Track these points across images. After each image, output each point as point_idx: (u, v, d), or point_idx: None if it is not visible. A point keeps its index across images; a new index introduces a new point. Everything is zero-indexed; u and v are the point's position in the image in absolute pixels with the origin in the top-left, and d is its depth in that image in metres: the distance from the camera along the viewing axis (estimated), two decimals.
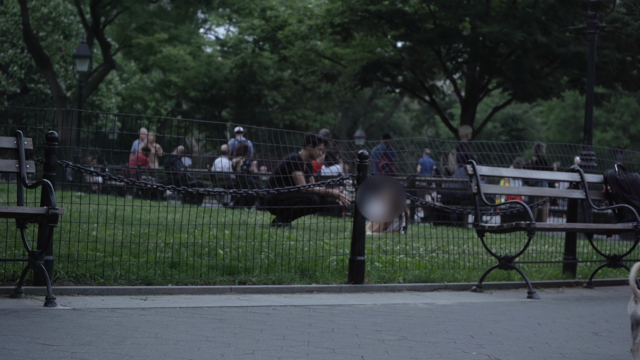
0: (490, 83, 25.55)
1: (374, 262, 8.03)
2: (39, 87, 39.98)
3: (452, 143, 21.95)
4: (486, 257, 8.92)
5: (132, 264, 6.82)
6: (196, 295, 6.48)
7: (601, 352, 4.93)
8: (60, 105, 30.59)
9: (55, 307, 5.59)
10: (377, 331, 5.25)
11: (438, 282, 7.85)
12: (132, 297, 6.24)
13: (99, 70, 34.28)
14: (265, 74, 44.04)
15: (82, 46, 27.71)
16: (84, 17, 34.66)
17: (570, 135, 51.42)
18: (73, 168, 6.89)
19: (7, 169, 6.40)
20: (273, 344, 4.66)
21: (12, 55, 38.60)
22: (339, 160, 15.94)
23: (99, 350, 4.24)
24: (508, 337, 5.29)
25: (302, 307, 6.20)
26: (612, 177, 9.20)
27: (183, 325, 5.12)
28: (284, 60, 28.87)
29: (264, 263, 7.40)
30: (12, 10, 37.82)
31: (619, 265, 8.75)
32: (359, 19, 23.07)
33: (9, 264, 6.41)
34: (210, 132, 45.19)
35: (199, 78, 43.80)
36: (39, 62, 31.36)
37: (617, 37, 22.30)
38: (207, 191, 7.56)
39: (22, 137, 6.35)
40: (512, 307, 6.83)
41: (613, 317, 6.51)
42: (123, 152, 20.88)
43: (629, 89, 25.95)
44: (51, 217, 5.80)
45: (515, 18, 22.22)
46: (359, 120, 51.99)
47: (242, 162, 18.40)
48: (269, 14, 29.65)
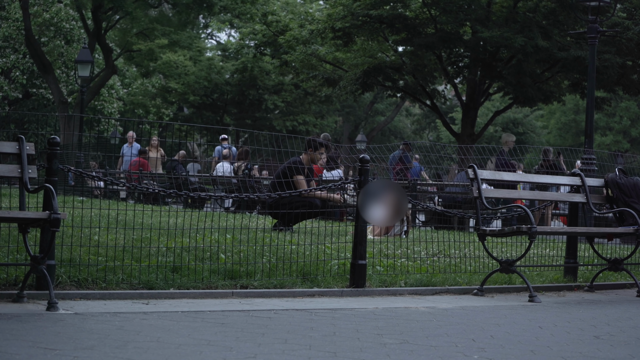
0: (491, 87, 25.58)
1: (376, 266, 8.04)
2: (41, 93, 40.03)
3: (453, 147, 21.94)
4: (487, 260, 8.93)
5: (134, 268, 6.83)
6: (198, 299, 6.49)
7: (602, 356, 4.94)
8: (62, 110, 30.63)
9: (57, 311, 5.60)
10: (378, 335, 5.27)
11: (439, 286, 7.86)
12: (134, 301, 6.25)
13: (101, 75, 34.32)
14: (267, 79, 44.08)
15: (84, 51, 27.74)
16: (86, 23, 34.71)
17: (570, 139, 51.43)
18: (75, 173, 6.91)
19: (10, 174, 6.42)
20: (275, 347, 4.67)
21: (14, 61, 38.66)
22: (340, 165, 15.96)
23: (101, 355, 4.25)
24: (509, 341, 5.30)
25: (303, 311, 6.21)
26: (613, 180, 9.21)
27: (185, 330, 5.13)
28: (286, 65, 28.91)
29: (265, 267, 7.41)
30: (14, 16, 37.88)
31: (620, 269, 8.76)
32: (360, 24, 23.10)
33: (12, 268, 6.42)
34: (212, 137, 45.28)
35: (200, 83, 43.85)
36: (41, 67, 31.41)
37: (618, 42, 22.32)
38: (208, 195, 7.58)
39: (24, 142, 6.37)
40: (514, 311, 6.84)
41: (614, 320, 6.51)
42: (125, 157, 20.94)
43: (630, 93, 25.96)
44: (53, 221, 5.82)
45: (516, 22, 22.24)
46: (360, 125, 52.02)
47: (243, 166, 18.42)
48: (270, 19, 29.70)
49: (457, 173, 17.25)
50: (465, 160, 16.62)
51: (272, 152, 9.46)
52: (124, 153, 21.51)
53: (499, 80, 24.29)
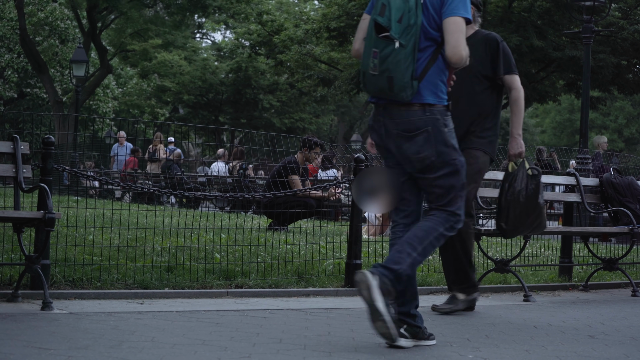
0: None
1: (371, 265, 8.03)
2: (36, 92, 39.98)
3: None
4: (482, 260, 8.94)
5: (129, 268, 6.82)
6: (193, 299, 6.48)
7: (597, 355, 4.95)
8: (57, 110, 30.59)
9: (52, 311, 5.59)
10: (373, 334, 5.26)
11: (434, 286, 7.87)
12: (128, 301, 6.25)
13: (96, 75, 34.28)
14: (261, 79, 44.08)
15: (79, 51, 27.71)
16: (81, 22, 34.67)
17: (565, 138, 51.52)
18: (70, 172, 6.90)
19: (4, 173, 6.41)
20: (269, 347, 4.67)
21: (9, 60, 38.60)
22: (335, 165, 15.96)
23: (96, 354, 4.25)
24: (504, 340, 5.31)
25: (298, 311, 6.21)
26: (608, 180, 9.23)
27: (179, 329, 5.12)
28: (281, 65, 28.91)
29: (260, 267, 7.41)
30: (9, 16, 37.83)
31: (615, 269, 8.77)
32: (355, 24, 23.11)
33: (6, 268, 6.41)
34: (208, 137, 45.28)
35: (195, 82, 43.83)
36: (36, 67, 31.36)
37: (613, 41, 22.37)
38: (203, 195, 7.58)
39: (19, 142, 6.36)
40: (508, 310, 6.85)
41: (609, 320, 6.52)
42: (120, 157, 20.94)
43: (624, 93, 26.02)
44: (48, 221, 5.81)
45: (511, 22, 22.29)
46: (355, 125, 52.02)
47: (238, 166, 18.42)
48: (265, 19, 29.72)
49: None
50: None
51: (267, 151, 9.45)
52: (117, 152, 21.51)
53: None
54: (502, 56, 6.39)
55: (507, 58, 6.41)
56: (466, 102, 6.35)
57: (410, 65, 4.57)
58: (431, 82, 4.71)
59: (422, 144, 4.71)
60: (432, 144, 4.70)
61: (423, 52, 4.69)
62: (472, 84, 6.40)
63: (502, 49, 6.40)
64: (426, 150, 4.71)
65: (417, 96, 4.68)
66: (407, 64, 4.56)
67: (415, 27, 4.58)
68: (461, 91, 6.25)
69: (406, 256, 4.66)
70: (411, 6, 4.59)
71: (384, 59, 4.57)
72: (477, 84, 6.41)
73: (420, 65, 4.68)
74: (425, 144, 4.70)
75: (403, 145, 4.76)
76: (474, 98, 6.40)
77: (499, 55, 6.38)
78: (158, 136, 20.69)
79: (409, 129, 4.72)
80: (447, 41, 4.64)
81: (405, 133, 4.73)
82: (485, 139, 6.43)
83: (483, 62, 6.39)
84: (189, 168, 24.76)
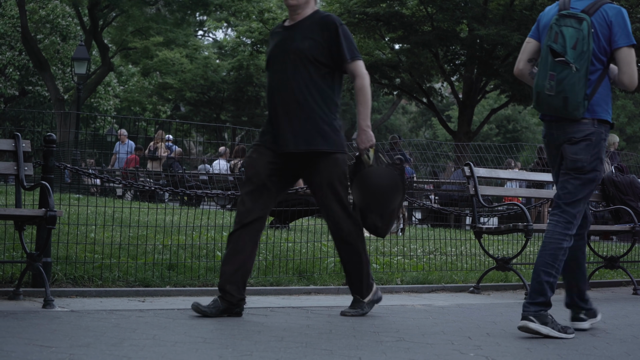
0: (488, 85, 25.57)
1: (372, 263, 8.04)
2: (37, 90, 39.97)
3: (449, 145, 21.94)
4: (484, 258, 8.93)
5: (130, 265, 6.83)
6: (194, 296, 6.48)
7: (599, 353, 4.95)
8: (58, 107, 30.59)
9: (53, 308, 5.60)
10: (374, 332, 5.27)
11: (436, 284, 7.87)
12: (130, 298, 6.25)
13: (97, 72, 34.28)
14: (263, 76, 44.05)
15: (80, 49, 27.70)
16: (82, 20, 34.66)
17: None
18: (71, 170, 6.90)
19: (6, 171, 6.41)
20: (271, 345, 4.67)
21: (10, 58, 38.60)
22: None
23: (97, 352, 4.25)
24: (505, 338, 5.31)
25: (300, 309, 6.21)
26: (609, 178, 9.23)
27: (181, 327, 5.13)
28: None
29: (261, 265, 7.41)
30: (10, 13, 37.83)
31: (616, 267, 8.77)
32: (356, 22, 23.10)
33: (7, 266, 6.42)
34: (209, 135, 45.28)
35: (196, 80, 43.81)
36: (37, 64, 31.36)
37: None
38: (205, 193, 7.58)
39: (21, 140, 6.37)
40: (510, 308, 6.85)
41: (610, 318, 6.52)
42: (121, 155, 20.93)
43: (626, 91, 25.98)
44: (49, 219, 5.81)
45: (513, 20, 22.26)
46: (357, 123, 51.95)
47: (239, 164, 18.41)
48: (266, 17, 29.72)
49: (454, 171, 17.25)
50: (462, 158, 16.60)
51: None
52: (119, 150, 21.50)
53: (495, 78, 24.29)
54: (345, 41, 5.71)
55: (349, 42, 5.74)
56: (299, 88, 5.69)
57: (584, 87, 5.21)
58: (601, 100, 5.35)
59: (582, 148, 5.35)
60: (589, 151, 5.35)
61: (592, 75, 5.30)
62: (307, 70, 5.71)
63: (342, 32, 5.72)
64: (583, 155, 5.36)
65: (587, 112, 5.32)
66: (580, 86, 5.20)
67: (587, 53, 5.20)
68: (295, 77, 5.67)
69: (545, 284, 5.58)
70: (584, 35, 5.19)
71: (561, 81, 5.22)
72: (313, 70, 5.71)
73: (590, 85, 5.29)
74: (584, 150, 5.35)
75: (567, 148, 5.41)
76: (309, 85, 5.71)
77: (341, 40, 5.70)
78: (160, 134, 20.72)
79: (576, 137, 5.35)
80: (624, 71, 5.32)
81: (573, 138, 5.36)
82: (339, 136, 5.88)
83: (320, 46, 5.70)
84: (190, 166, 24.76)
